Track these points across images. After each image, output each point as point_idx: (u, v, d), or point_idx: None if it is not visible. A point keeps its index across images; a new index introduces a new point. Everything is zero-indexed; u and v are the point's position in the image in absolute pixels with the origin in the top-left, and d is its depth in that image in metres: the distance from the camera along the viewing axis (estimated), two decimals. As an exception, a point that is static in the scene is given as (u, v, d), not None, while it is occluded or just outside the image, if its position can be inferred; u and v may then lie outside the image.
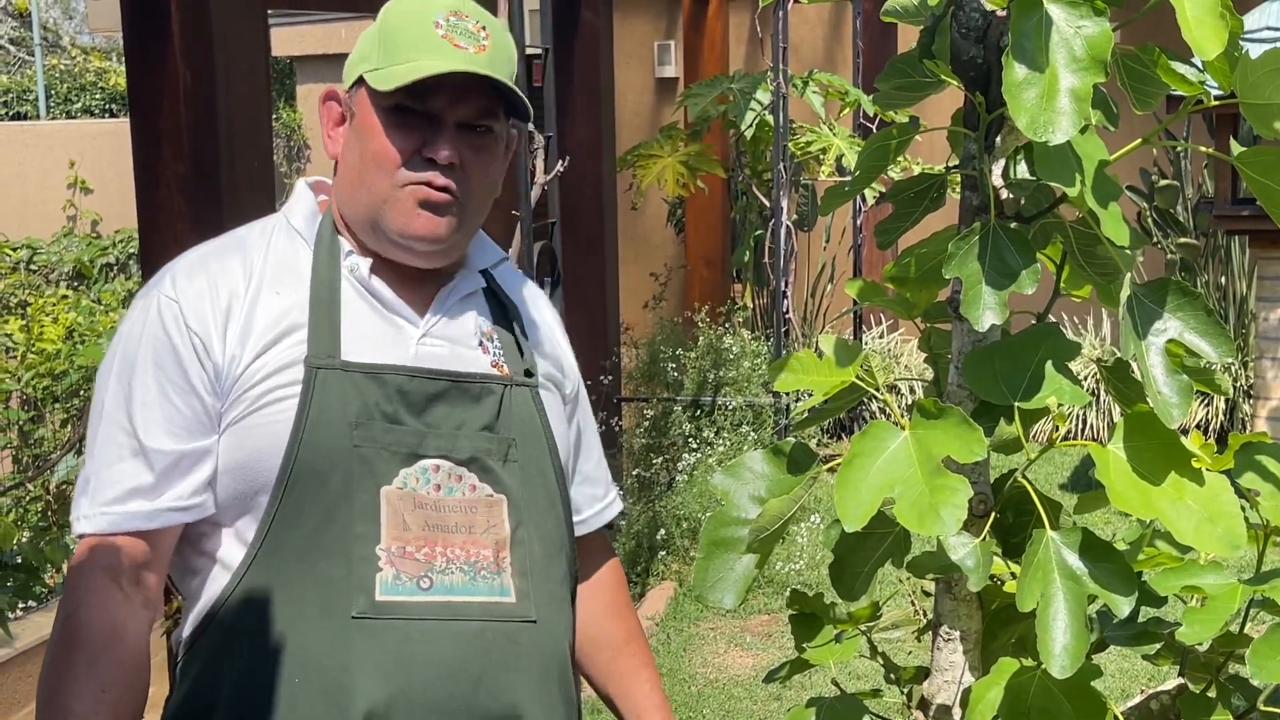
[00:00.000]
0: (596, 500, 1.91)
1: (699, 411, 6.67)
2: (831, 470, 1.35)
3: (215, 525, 1.65)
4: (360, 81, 1.68)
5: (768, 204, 7.40)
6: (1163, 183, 7.72)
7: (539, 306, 1.88)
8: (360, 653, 1.57)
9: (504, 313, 1.80)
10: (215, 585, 1.63)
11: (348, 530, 1.60)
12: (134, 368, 1.63)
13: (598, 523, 1.92)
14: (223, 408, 1.63)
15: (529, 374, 1.75)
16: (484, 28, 1.68)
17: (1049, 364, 1.34)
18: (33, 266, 10.96)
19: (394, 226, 1.67)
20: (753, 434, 6.46)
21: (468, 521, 1.66)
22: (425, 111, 1.66)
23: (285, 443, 1.60)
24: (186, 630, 1.66)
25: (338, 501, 1.60)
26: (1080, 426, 7.62)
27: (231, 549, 1.63)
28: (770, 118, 6.77)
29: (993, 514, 1.41)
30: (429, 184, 1.66)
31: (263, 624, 1.59)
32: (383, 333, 1.68)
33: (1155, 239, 7.94)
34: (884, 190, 6.12)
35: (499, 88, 1.67)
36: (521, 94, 1.70)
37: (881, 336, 8.41)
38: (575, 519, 1.84)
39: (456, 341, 1.72)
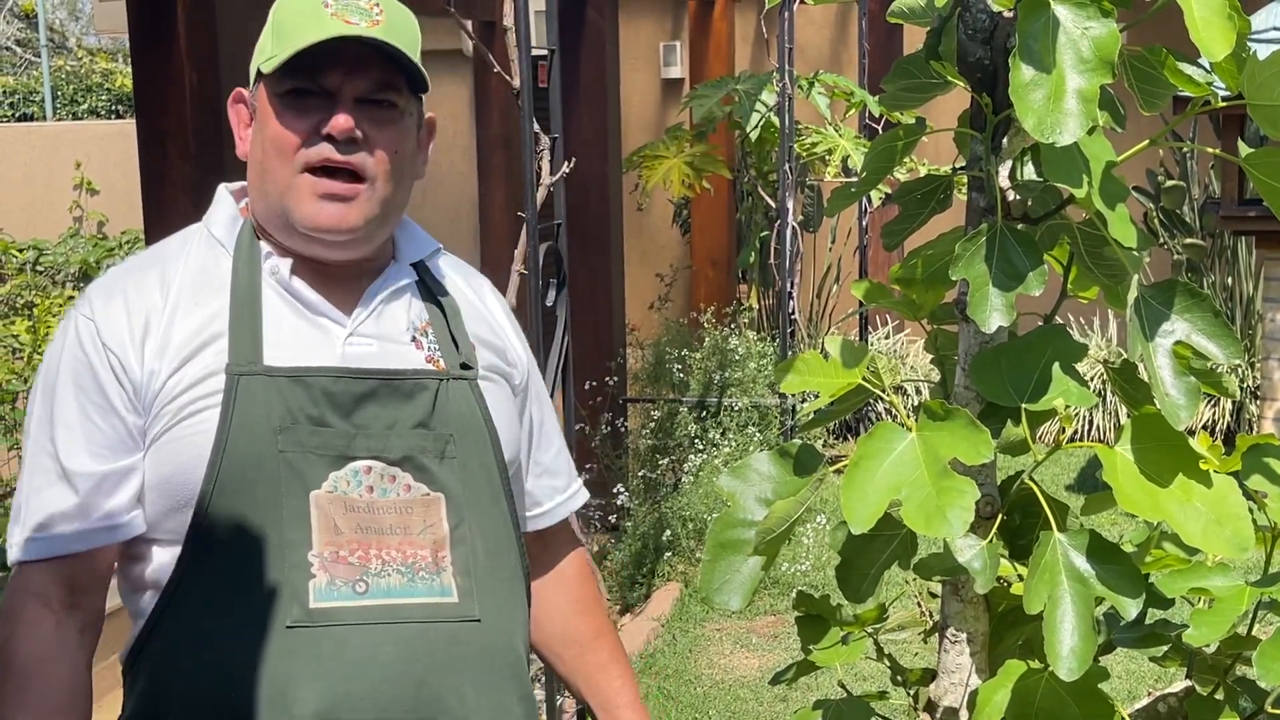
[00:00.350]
0: (558, 491, 1.88)
1: (704, 412, 6.67)
2: (839, 471, 1.35)
3: (148, 542, 1.63)
4: (259, 76, 1.64)
5: (773, 205, 7.40)
6: (1169, 183, 7.71)
7: (482, 296, 1.83)
8: (299, 662, 1.55)
9: (438, 305, 1.75)
10: (151, 602, 1.61)
11: (278, 538, 1.57)
12: (55, 390, 1.62)
13: (561, 514, 1.88)
14: (145, 424, 1.61)
15: (466, 366, 1.71)
16: (377, 4, 1.63)
17: (1056, 365, 1.34)
18: (39, 267, 10.97)
19: (298, 217, 1.62)
20: (758, 435, 6.45)
21: (403, 522, 1.62)
22: (321, 90, 1.61)
23: (209, 453, 1.57)
24: (128, 648, 1.64)
25: (266, 509, 1.57)
26: (1086, 427, 7.61)
27: (164, 565, 1.61)
28: (776, 119, 6.76)
29: (1000, 515, 1.41)
30: (328, 161, 1.61)
31: (200, 639, 1.57)
32: (307, 335, 1.64)
33: (1161, 240, 7.93)
34: (890, 191, 6.12)
35: (396, 58, 1.62)
36: (419, 63, 1.65)
37: (887, 337, 8.40)
38: (535, 511, 1.83)
39: (386, 339, 1.68)
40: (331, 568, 1.58)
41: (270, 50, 1.62)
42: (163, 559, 1.62)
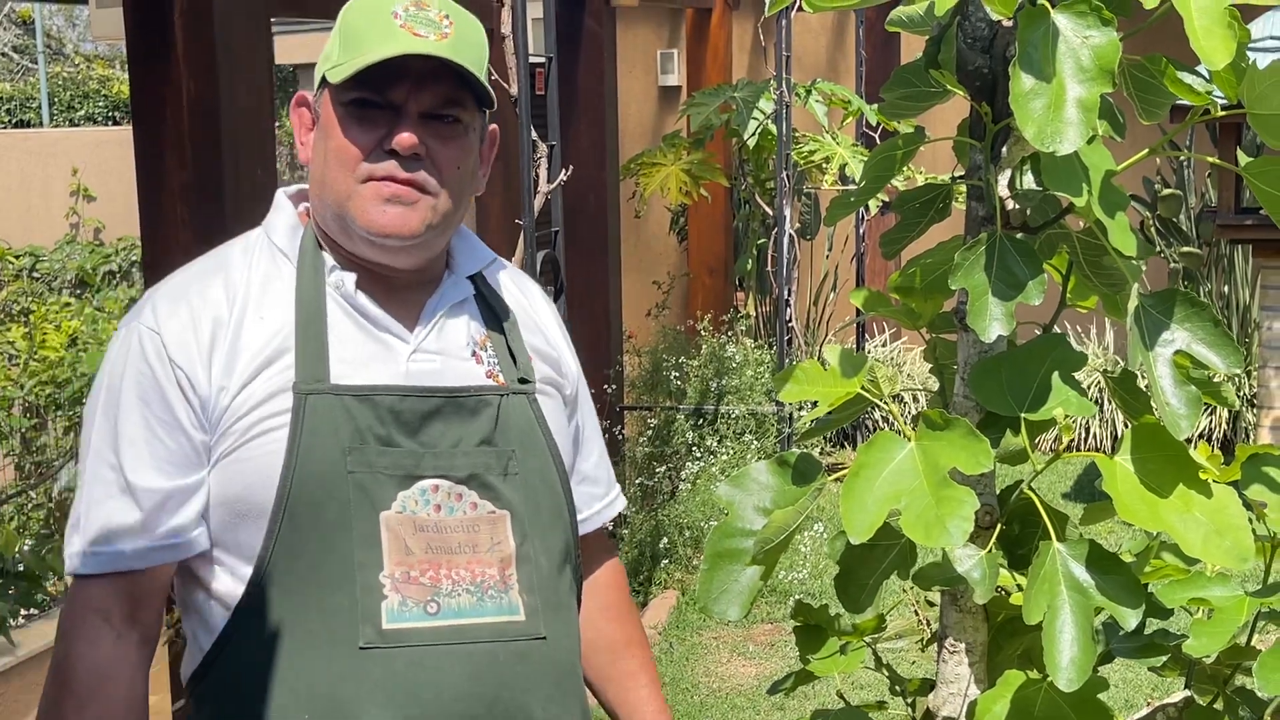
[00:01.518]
0: (596, 499, 1.87)
1: (702, 420, 6.66)
2: (838, 479, 1.35)
3: (210, 561, 1.61)
4: (324, 82, 1.63)
5: (770, 212, 7.40)
6: (1166, 192, 7.72)
7: (535, 305, 1.82)
8: (371, 684, 1.54)
9: (496, 318, 1.74)
10: (216, 622, 1.60)
11: (349, 559, 1.56)
12: (119, 403, 1.59)
13: (598, 521, 1.88)
14: (211, 441, 1.59)
15: (524, 381, 1.70)
16: (447, 16, 1.62)
17: (1055, 375, 1.33)
18: (36, 274, 10.97)
19: (360, 223, 1.61)
20: (756, 443, 6.45)
21: (471, 541, 1.62)
22: (387, 104, 1.60)
23: (278, 474, 1.56)
24: (191, 668, 1.63)
25: (336, 530, 1.57)
26: (1083, 436, 7.61)
27: (229, 585, 1.60)
28: (773, 126, 6.77)
29: (999, 525, 1.41)
30: (391, 177, 1.60)
31: (269, 661, 1.56)
32: (372, 352, 1.64)
33: (1159, 248, 7.93)
34: (887, 200, 6.12)
35: (464, 75, 1.61)
36: (485, 81, 1.64)
37: (885, 345, 8.40)
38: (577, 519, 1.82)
39: (448, 354, 1.67)
40: (403, 589, 1.58)
41: (337, 58, 1.61)
42: (228, 578, 1.60)
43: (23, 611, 4.23)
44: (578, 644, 1.73)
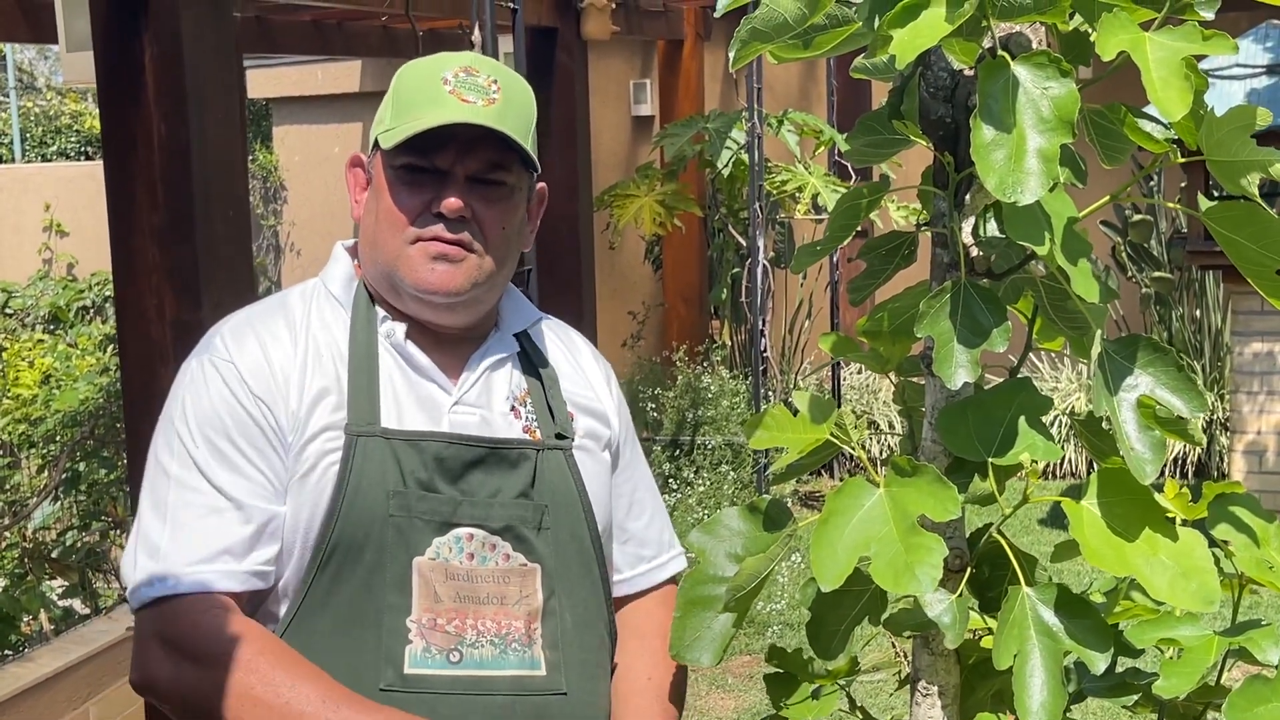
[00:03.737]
0: (643, 560, 1.84)
1: (678, 451, 6.67)
2: (813, 509, 1.36)
3: (258, 598, 1.63)
4: (376, 144, 1.69)
5: (744, 243, 7.42)
6: (1136, 218, 7.77)
7: (581, 361, 1.86)
8: None
9: (538, 375, 1.78)
10: None
11: (380, 601, 1.59)
12: (204, 432, 1.61)
13: (643, 583, 1.84)
14: (288, 472, 1.63)
15: (561, 436, 1.73)
16: (495, 81, 1.67)
17: (1022, 419, 1.35)
18: (8, 310, 10.92)
19: (409, 281, 1.66)
20: (732, 473, 6.45)
21: (500, 592, 1.64)
22: (434, 168, 1.66)
23: (325, 512, 1.60)
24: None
25: (371, 572, 1.60)
26: (1059, 461, 7.64)
27: (266, 615, 1.63)
28: (746, 156, 6.79)
29: (969, 569, 1.42)
30: (438, 238, 1.65)
31: None
32: (417, 400, 1.68)
33: (1130, 273, 7.98)
34: (861, 229, 6.14)
35: (509, 141, 1.66)
36: (529, 147, 1.69)
37: (859, 372, 8.43)
38: (616, 578, 1.81)
39: (489, 408, 1.71)
40: (428, 635, 1.60)
41: (389, 122, 1.67)
42: (263, 613, 1.63)
43: (-4, 654, 4.20)
44: (603, 699, 1.72)
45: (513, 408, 1.73)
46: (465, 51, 1.74)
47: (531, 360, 1.79)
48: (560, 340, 1.86)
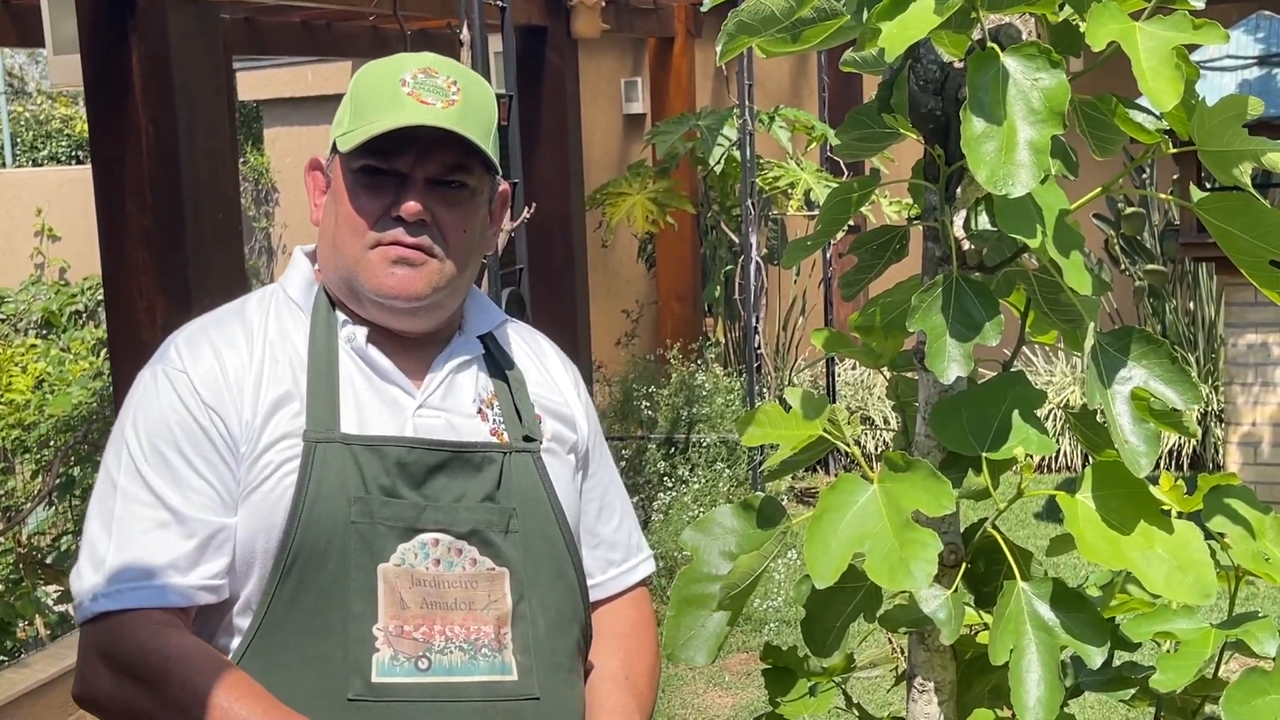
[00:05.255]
0: (613, 564, 1.83)
1: (673, 449, 6.66)
2: (808, 505, 1.35)
3: (215, 612, 1.61)
4: (335, 148, 1.67)
5: (737, 240, 7.41)
6: (1129, 210, 7.77)
7: (548, 363, 1.84)
8: None
9: (504, 377, 1.75)
10: None
11: (345, 610, 1.57)
12: (154, 443, 1.59)
13: (614, 588, 1.83)
14: (239, 481, 1.60)
15: (529, 439, 1.71)
16: (454, 82, 1.65)
17: (1016, 413, 1.34)
18: (0, 315, 10.89)
19: (369, 286, 1.64)
20: (727, 470, 6.45)
21: (468, 597, 1.62)
22: (394, 171, 1.63)
23: (284, 521, 1.57)
24: None
25: (335, 580, 1.57)
26: (1053, 454, 7.63)
27: (225, 638, 1.60)
28: (738, 153, 6.78)
29: (964, 564, 1.41)
30: (398, 242, 1.63)
31: None
32: (379, 404, 1.65)
33: (1123, 266, 7.98)
34: (854, 224, 6.14)
35: (469, 143, 1.64)
36: (486, 149, 1.66)
37: (854, 368, 8.42)
38: (588, 583, 1.78)
39: (454, 411, 1.69)
40: (396, 643, 1.57)
41: (347, 125, 1.65)
42: (226, 629, 1.60)
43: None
44: (577, 705, 1.70)
45: (480, 410, 1.71)
46: (424, 53, 1.70)
47: (498, 362, 1.76)
48: (526, 343, 1.84)
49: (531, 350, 1.84)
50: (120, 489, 1.59)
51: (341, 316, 1.69)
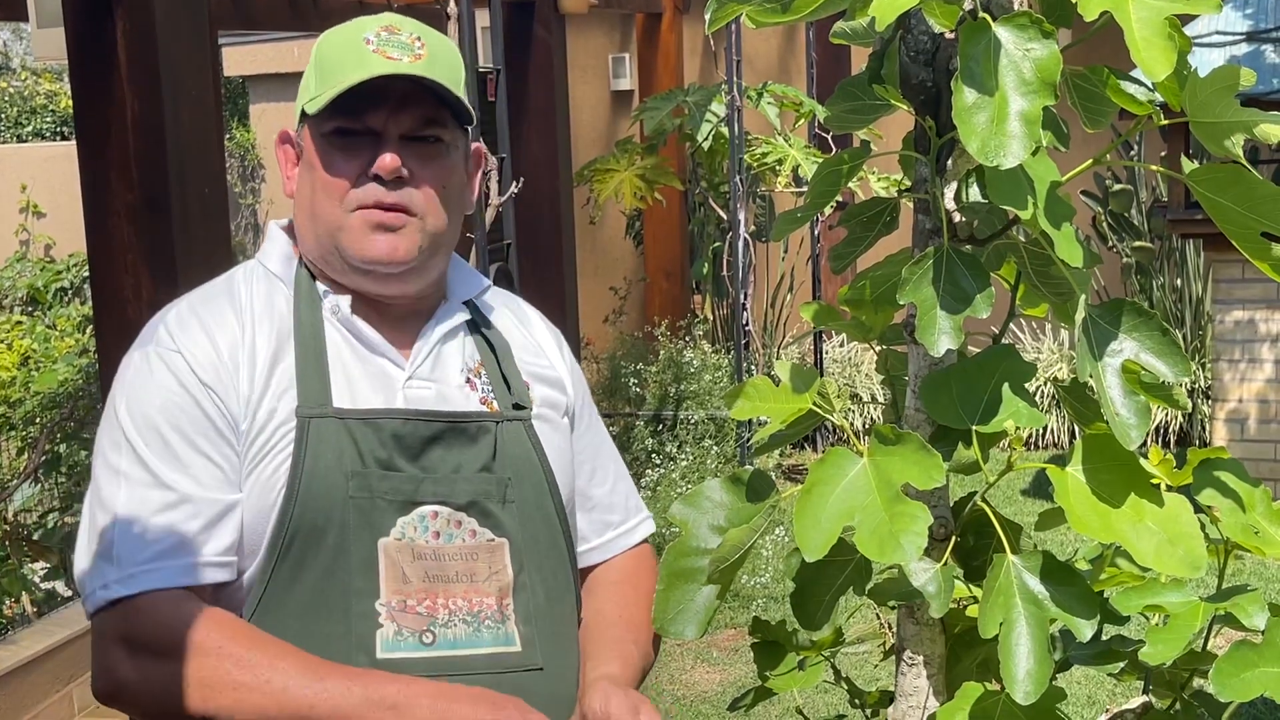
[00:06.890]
0: (610, 527, 1.82)
1: (661, 426, 6.66)
2: (797, 483, 1.34)
3: (218, 591, 1.58)
4: (304, 116, 1.64)
5: (725, 216, 7.40)
6: (1117, 187, 7.77)
7: (533, 329, 1.82)
8: None
9: (490, 345, 1.74)
10: None
11: (346, 586, 1.55)
12: (153, 426, 1.56)
13: (614, 549, 1.82)
14: (241, 458, 1.58)
15: (519, 407, 1.70)
16: (419, 38, 1.62)
17: (1006, 387, 1.33)
18: (-14, 293, 10.84)
19: (353, 252, 1.62)
20: (715, 447, 6.45)
21: (469, 569, 1.60)
22: (367, 130, 1.61)
23: (281, 498, 1.55)
24: None
25: (335, 556, 1.55)
26: (1040, 431, 7.65)
27: (234, 611, 1.57)
28: (726, 130, 6.77)
29: (954, 537, 1.41)
30: (378, 203, 1.60)
31: None
32: (369, 377, 1.64)
33: (1110, 243, 7.98)
34: (841, 200, 6.12)
35: (442, 95, 1.62)
36: (463, 98, 1.64)
37: (842, 345, 8.42)
38: (584, 547, 1.78)
39: (443, 381, 1.67)
40: (399, 618, 1.56)
41: (314, 90, 1.62)
42: (225, 603, 1.57)
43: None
44: (576, 674, 1.69)
45: (468, 379, 1.69)
46: (384, 12, 1.67)
47: (483, 330, 1.75)
48: (510, 310, 1.82)
49: (516, 316, 1.82)
50: (122, 474, 1.56)
51: (323, 288, 1.67)
